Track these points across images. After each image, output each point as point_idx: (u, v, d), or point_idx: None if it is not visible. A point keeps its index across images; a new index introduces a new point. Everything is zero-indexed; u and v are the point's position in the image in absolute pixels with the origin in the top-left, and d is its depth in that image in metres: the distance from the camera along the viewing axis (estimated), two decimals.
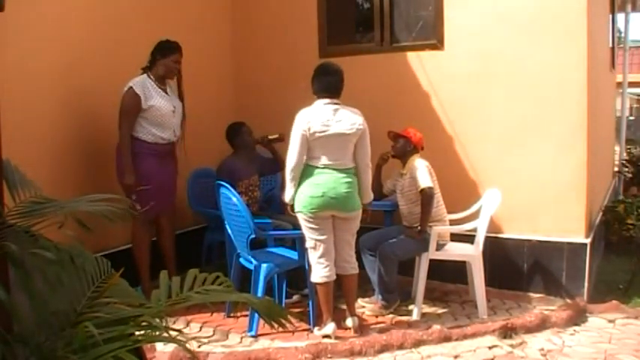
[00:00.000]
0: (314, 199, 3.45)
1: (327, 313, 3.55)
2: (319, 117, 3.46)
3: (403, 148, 4.03)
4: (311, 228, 3.51)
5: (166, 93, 3.99)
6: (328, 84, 3.53)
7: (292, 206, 3.58)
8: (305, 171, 3.52)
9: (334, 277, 3.54)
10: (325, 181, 3.45)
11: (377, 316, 3.91)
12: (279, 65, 5.19)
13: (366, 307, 3.99)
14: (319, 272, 3.50)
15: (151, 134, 3.90)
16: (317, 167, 3.49)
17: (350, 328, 3.60)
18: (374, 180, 3.91)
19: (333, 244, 3.54)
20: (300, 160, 3.49)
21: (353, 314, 3.63)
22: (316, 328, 3.61)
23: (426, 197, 3.82)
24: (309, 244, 3.54)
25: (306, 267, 3.67)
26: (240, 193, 3.90)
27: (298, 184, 3.53)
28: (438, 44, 4.53)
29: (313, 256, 3.53)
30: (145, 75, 3.91)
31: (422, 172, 3.86)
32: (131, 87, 3.81)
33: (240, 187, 4.19)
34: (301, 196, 3.50)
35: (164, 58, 3.92)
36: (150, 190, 3.89)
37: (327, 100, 3.51)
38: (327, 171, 3.47)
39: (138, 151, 3.86)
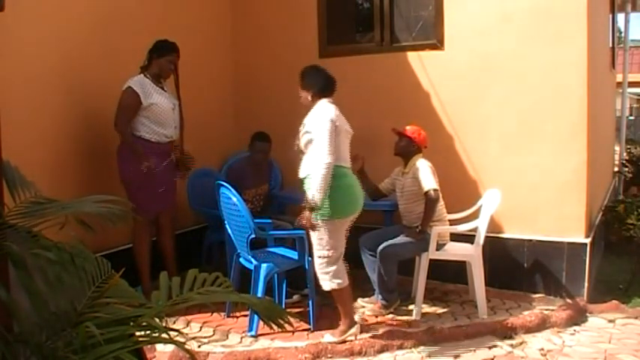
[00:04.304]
0: (352, 206, 3.32)
1: (348, 317, 3.42)
2: (338, 113, 3.37)
3: (406, 148, 4.02)
4: (337, 234, 3.31)
5: (164, 90, 3.99)
6: (333, 83, 3.48)
7: (315, 209, 3.21)
8: (334, 172, 3.24)
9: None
10: (356, 184, 3.40)
11: (377, 316, 3.91)
12: (279, 65, 5.19)
13: (366, 307, 3.99)
14: (339, 277, 3.35)
15: (153, 132, 3.90)
16: (345, 168, 3.35)
17: None
18: (362, 183, 3.72)
19: None
20: (336, 156, 3.21)
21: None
22: (329, 334, 3.45)
23: (431, 199, 3.81)
24: (326, 251, 3.32)
25: (306, 267, 3.66)
26: (246, 201, 3.84)
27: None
28: (438, 44, 4.53)
29: (330, 262, 3.34)
30: (142, 74, 3.91)
31: (426, 173, 3.85)
32: (129, 86, 3.81)
33: (247, 194, 4.18)
34: (338, 202, 3.24)
35: (159, 58, 3.92)
36: (153, 189, 3.90)
37: (330, 99, 3.46)
38: (350, 172, 3.41)
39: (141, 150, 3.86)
